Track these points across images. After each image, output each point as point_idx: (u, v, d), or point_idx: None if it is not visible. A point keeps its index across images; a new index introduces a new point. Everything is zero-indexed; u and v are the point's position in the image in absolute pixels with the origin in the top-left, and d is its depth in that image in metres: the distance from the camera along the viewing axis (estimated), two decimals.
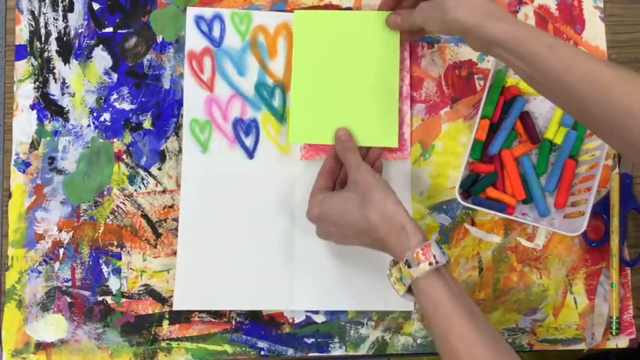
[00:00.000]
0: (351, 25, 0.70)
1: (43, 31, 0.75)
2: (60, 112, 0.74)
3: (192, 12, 0.75)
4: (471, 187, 0.70)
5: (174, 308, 0.70)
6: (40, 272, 0.72)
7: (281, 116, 0.74)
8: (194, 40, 0.75)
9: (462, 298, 0.55)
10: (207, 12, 0.75)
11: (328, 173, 0.68)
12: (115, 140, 0.74)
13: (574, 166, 0.71)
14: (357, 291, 0.70)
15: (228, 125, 0.74)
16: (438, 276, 0.56)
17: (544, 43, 0.55)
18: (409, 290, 0.58)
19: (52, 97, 0.74)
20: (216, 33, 0.75)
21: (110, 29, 0.75)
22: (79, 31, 0.75)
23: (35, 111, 0.74)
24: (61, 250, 0.72)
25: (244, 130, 0.74)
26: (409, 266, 0.56)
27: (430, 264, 0.55)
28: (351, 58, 0.70)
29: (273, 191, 0.72)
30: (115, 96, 0.74)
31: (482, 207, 0.68)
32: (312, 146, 0.72)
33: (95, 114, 0.74)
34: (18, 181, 0.73)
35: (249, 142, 0.73)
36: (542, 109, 0.73)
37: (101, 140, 0.74)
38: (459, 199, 0.67)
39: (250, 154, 0.73)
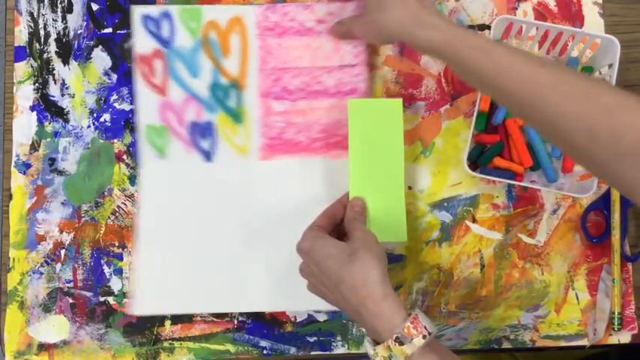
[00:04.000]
0: (360, 115, 0.67)
1: (42, 32, 0.75)
2: (60, 113, 0.74)
3: (138, 11, 0.72)
4: (479, 158, 0.71)
5: (134, 313, 0.70)
6: (41, 273, 0.72)
7: (237, 117, 0.72)
8: (143, 42, 0.72)
9: None
10: (155, 10, 0.73)
11: (331, 216, 0.64)
12: (115, 141, 0.74)
13: None
14: None
15: (184, 129, 0.72)
16: (430, 349, 0.53)
17: (477, 46, 0.53)
18: None
19: (51, 98, 0.74)
20: (165, 32, 0.73)
21: (109, 30, 0.75)
22: (78, 32, 0.75)
23: (35, 112, 0.74)
24: (63, 251, 0.72)
25: (201, 134, 0.72)
26: (401, 343, 0.52)
27: (424, 337, 0.52)
28: (359, 149, 0.67)
29: (233, 193, 0.70)
30: (114, 96, 0.74)
31: (491, 176, 0.68)
32: (271, 146, 0.71)
33: (95, 115, 0.74)
34: (19, 182, 0.73)
35: (206, 145, 0.72)
36: None
37: (101, 141, 0.74)
38: (468, 171, 0.67)
39: (208, 157, 0.72)
